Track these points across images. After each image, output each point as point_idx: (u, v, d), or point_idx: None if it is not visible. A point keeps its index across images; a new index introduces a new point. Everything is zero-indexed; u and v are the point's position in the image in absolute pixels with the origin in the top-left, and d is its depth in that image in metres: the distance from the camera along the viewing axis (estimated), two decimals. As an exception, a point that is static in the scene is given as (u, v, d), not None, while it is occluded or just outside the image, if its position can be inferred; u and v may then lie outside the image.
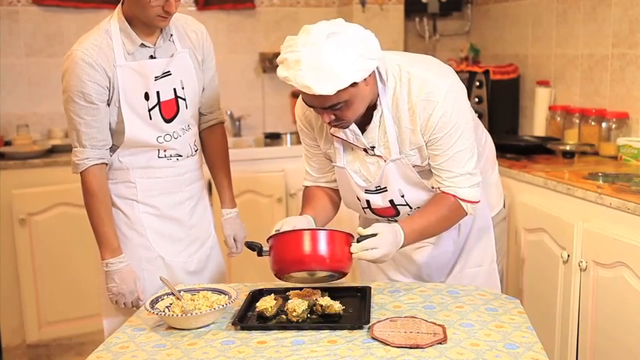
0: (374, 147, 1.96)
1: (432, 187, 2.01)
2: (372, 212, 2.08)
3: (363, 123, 1.94)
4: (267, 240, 1.86)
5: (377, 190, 2.02)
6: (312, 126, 2.07)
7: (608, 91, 3.30)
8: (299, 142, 4.60)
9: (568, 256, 2.60)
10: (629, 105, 3.17)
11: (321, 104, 1.79)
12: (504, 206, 2.35)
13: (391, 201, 2.02)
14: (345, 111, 1.81)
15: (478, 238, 2.20)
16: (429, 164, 1.97)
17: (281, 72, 1.77)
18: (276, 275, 1.84)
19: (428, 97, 1.87)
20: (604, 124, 3.24)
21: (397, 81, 1.90)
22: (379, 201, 2.03)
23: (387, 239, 1.81)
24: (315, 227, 1.92)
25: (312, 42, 1.73)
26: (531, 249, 2.89)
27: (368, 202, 2.05)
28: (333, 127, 1.93)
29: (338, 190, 2.15)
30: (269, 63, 4.32)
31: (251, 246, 1.90)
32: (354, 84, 1.76)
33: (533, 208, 2.85)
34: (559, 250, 2.66)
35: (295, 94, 4.40)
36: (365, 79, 1.80)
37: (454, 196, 1.95)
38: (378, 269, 2.25)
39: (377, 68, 1.88)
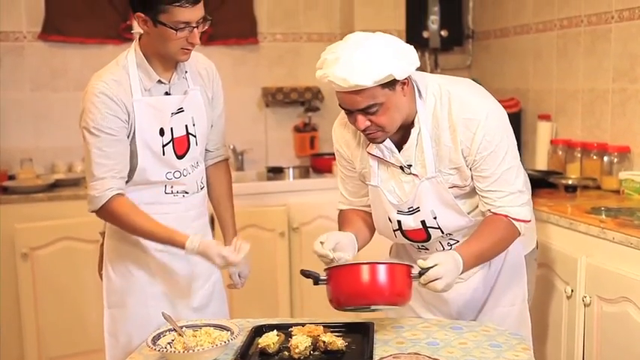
0: (410, 165, 1.96)
1: (468, 213, 2.00)
2: (403, 235, 2.07)
3: (401, 141, 1.95)
4: (325, 270, 1.83)
5: (409, 211, 2.01)
6: (348, 146, 2.07)
7: (609, 125, 3.32)
8: (301, 177, 4.62)
9: (572, 290, 2.58)
10: (631, 139, 3.18)
11: (356, 104, 1.81)
12: (537, 247, 2.31)
13: (423, 222, 2.01)
14: (381, 116, 1.83)
15: (510, 276, 2.15)
16: (470, 186, 1.97)
17: (318, 72, 1.82)
18: (334, 306, 1.82)
19: (469, 116, 1.88)
20: (606, 158, 3.24)
21: (437, 99, 1.91)
22: (411, 222, 2.02)
23: (448, 267, 1.79)
24: (372, 261, 1.85)
25: (350, 43, 1.80)
26: (535, 283, 2.87)
27: (399, 222, 2.03)
28: (369, 141, 1.95)
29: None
30: (272, 97, 4.36)
31: (308, 275, 1.85)
32: (391, 85, 1.79)
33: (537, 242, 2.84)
34: (562, 285, 2.65)
35: (298, 129, 4.43)
36: (402, 88, 1.83)
37: (506, 216, 1.94)
38: (407, 306, 2.21)
39: (416, 85, 1.91)
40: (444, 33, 4.44)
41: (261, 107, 4.45)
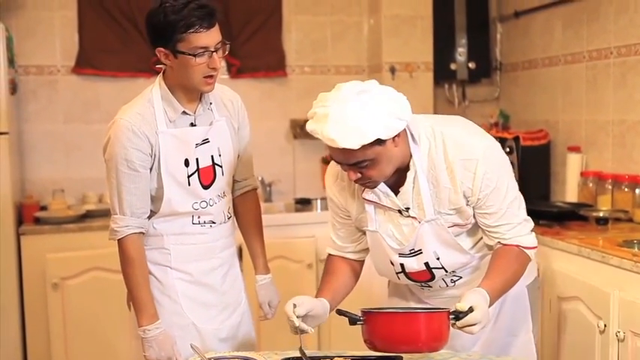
0: (408, 208, 1.96)
1: (470, 249, 2.00)
2: (407, 277, 2.07)
3: (397, 184, 1.95)
4: (362, 310, 1.81)
5: (411, 253, 2.00)
6: (343, 195, 2.07)
7: (640, 157, 3.28)
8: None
9: (605, 325, 2.54)
10: (663, 171, 3.15)
11: (346, 160, 1.81)
12: (538, 275, 2.30)
13: (426, 264, 2.01)
14: (371, 170, 1.83)
15: (513, 306, 2.15)
16: (472, 223, 1.97)
17: (310, 125, 1.81)
18: (370, 347, 1.81)
19: (466, 157, 1.88)
20: (638, 190, 3.20)
21: (431, 142, 1.92)
22: (414, 264, 2.02)
23: (484, 310, 1.77)
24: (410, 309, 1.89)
25: (341, 98, 1.78)
26: (566, 318, 2.82)
27: (402, 265, 2.03)
28: (364, 188, 1.94)
29: (362, 260, 2.16)
30: (300, 129, 4.37)
31: (345, 315, 1.83)
32: (380, 142, 1.77)
33: (568, 276, 2.81)
34: (595, 320, 2.60)
35: (325, 160, 4.44)
36: (394, 140, 1.82)
37: (517, 246, 1.94)
38: None
39: (409, 130, 1.90)
40: (471, 65, 4.46)
41: (289, 139, 4.48)
